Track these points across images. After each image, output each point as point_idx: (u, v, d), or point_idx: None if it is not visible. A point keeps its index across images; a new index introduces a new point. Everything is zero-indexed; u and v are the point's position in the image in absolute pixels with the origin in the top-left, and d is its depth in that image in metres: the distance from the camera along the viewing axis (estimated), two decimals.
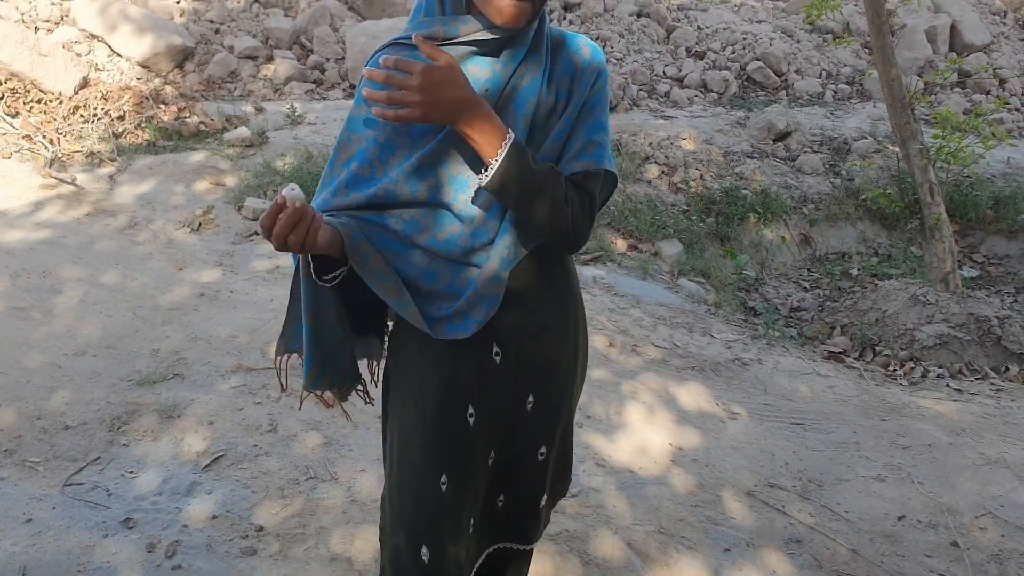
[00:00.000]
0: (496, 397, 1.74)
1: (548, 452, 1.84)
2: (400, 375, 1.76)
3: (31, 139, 5.52)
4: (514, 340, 1.73)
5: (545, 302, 1.76)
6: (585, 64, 1.66)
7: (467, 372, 1.70)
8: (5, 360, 3.49)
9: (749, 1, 9.61)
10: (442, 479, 1.70)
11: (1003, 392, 4.24)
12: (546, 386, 1.80)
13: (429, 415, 1.70)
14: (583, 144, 1.66)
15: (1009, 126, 7.34)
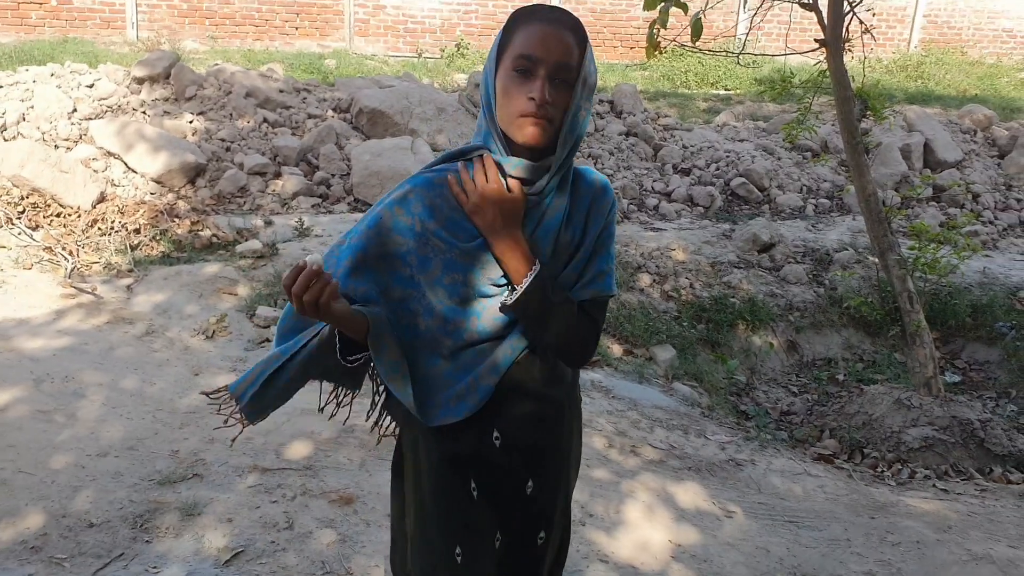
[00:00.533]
0: (496, 479, 1.90)
1: (547, 536, 1.97)
2: (409, 448, 1.97)
3: (51, 251, 5.77)
4: (514, 427, 1.89)
5: (544, 393, 1.92)
6: (599, 200, 1.89)
7: (468, 453, 1.88)
8: (31, 461, 3.63)
9: (731, 122, 10.08)
10: (456, 551, 1.89)
11: (987, 492, 4.41)
12: (544, 472, 1.94)
13: (438, 491, 1.90)
14: (594, 274, 1.88)
15: (984, 238, 7.68)
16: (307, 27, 13.36)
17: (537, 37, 1.72)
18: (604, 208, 1.89)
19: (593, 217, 1.88)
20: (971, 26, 15.48)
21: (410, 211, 1.82)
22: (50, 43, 11.90)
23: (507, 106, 1.74)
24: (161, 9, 12.93)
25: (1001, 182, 8.85)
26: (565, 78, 1.73)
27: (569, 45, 1.74)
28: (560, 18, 1.76)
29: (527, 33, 1.74)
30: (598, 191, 1.89)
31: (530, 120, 1.71)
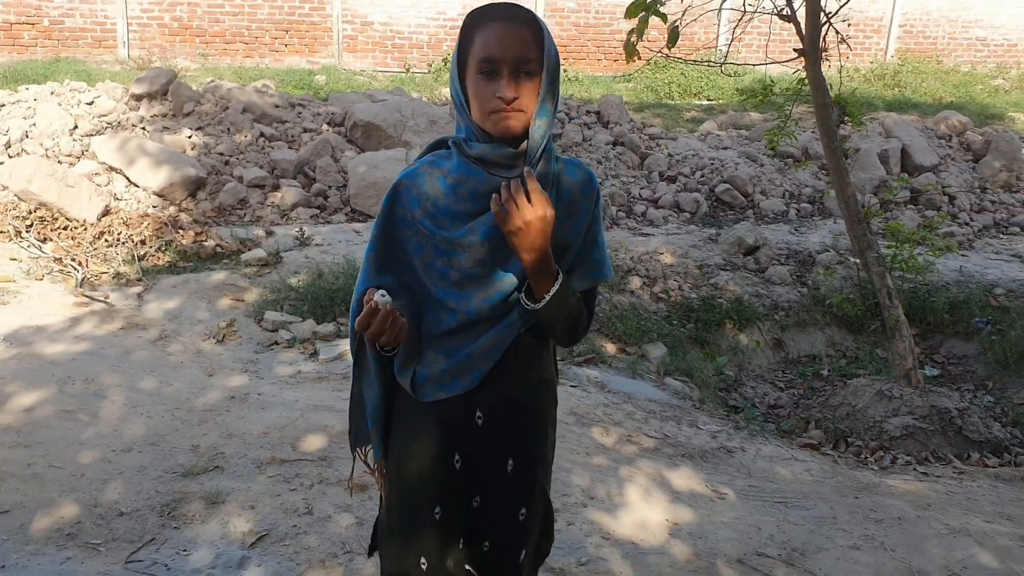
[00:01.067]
0: (478, 455, 2.10)
1: (528, 513, 2.15)
2: (398, 422, 2.14)
3: (61, 262, 5.96)
4: (496, 408, 2.07)
5: (527, 378, 2.11)
6: (586, 190, 2.03)
7: (453, 428, 2.07)
8: (60, 456, 3.83)
9: (715, 130, 10.37)
10: (436, 509, 2.09)
11: (965, 475, 4.65)
12: (524, 452, 2.12)
13: (423, 459, 2.08)
14: (590, 264, 2.06)
15: (960, 238, 7.96)
16: (296, 44, 13.59)
17: (495, 38, 1.85)
18: (591, 199, 2.04)
19: (582, 207, 2.02)
20: (946, 35, 15.87)
21: (402, 203, 2.00)
22: (42, 63, 12.09)
23: (479, 106, 1.88)
24: (152, 28, 13.14)
25: (976, 185, 9.15)
26: (528, 70, 1.86)
27: (525, 38, 1.85)
28: (514, 14, 1.88)
29: (485, 35, 1.87)
30: (584, 182, 2.03)
31: (502, 116, 1.86)
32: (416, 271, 2.03)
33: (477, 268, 1.98)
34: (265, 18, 13.42)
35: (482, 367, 2.03)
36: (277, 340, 5.20)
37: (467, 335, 2.02)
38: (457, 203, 1.97)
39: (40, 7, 12.73)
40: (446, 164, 1.99)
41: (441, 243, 1.98)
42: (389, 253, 2.03)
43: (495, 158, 1.92)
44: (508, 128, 1.88)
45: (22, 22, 12.72)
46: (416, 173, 2.01)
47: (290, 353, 5.07)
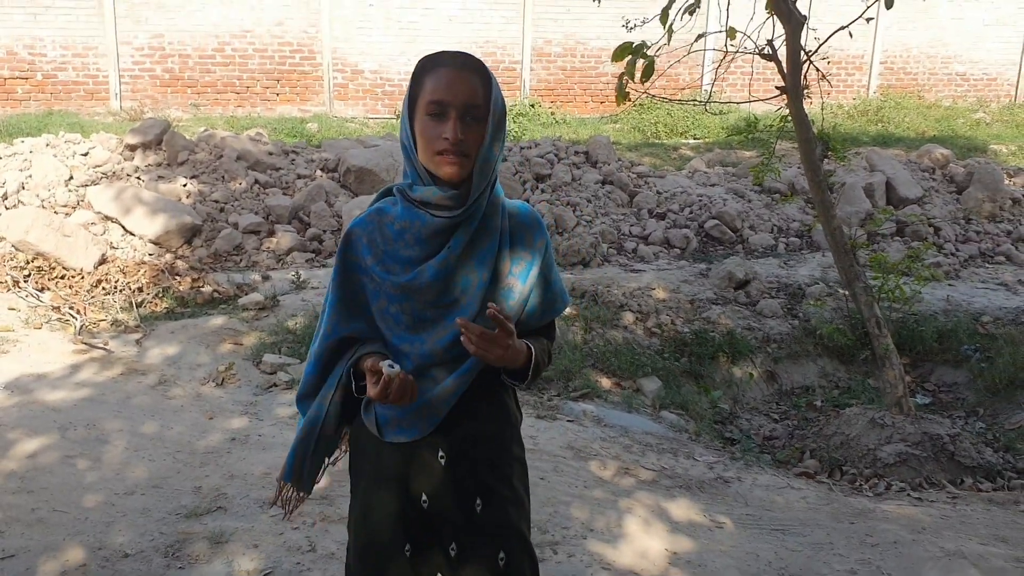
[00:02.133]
0: (445, 495, 2.11)
1: (508, 558, 2.11)
2: (362, 462, 2.18)
3: (59, 310, 6.02)
4: (457, 446, 2.11)
5: (487, 415, 2.14)
6: (535, 234, 2.12)
7: (416, 469, 2.11)
8: (64, 501, 3.86)
9: (702, 168, 10.52)
10: (406, 547, 2.11)
11: (959, 499, 4.71)
12: (490, 492, 2.12)
13: (390, 498, 2.11)
14: (550, 300, 2.18)
15: (946, 268, 8.07)
16: (288, 93, 13.78)
17: (444, 83, 1.93)
18: (539, 245, 2.13)
19: (533, 251, 2.12)
20: (926, 71, 16.16)
21: (354, 251, 2.08)
22: (36, 116, 12.25)
23: (426, 147, 1.96)
24: (144, 80, 13.33)
25: (960, 216, 9.29)
26: (475, 115, 1.94)
27: (474, 86, 1.94)
28: (464, 62, 1.95)
29: (435, 80, 1.94)
30: (533, 226, 2.13)
31: (447, 159, 1.93)
32: (374, 317, 2.10)
33: (428, 310, 2.05)
34: (256, 68, 13.62)
35: (440, 412, 2.08)
36: (276, 382, 5.25)
37: (425, 380, 2.07)
38: (405, 248, 2.03)
39: (33, 62, 12.92)
40: (392, 211, 2.06)
41: (392, 289, 2.04)
42: (352, 299, 2.10)
43: (437, 200, 1.99)
44: (452, 175, 1.95)
45: (16, 76, 12.89)
46: (365, 221, 2.08)
47: (289, 394, 5.13)
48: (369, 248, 2.05)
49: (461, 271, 2.04)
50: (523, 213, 2.13)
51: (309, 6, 13.62)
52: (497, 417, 2.18)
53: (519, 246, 2.10)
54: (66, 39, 12.97)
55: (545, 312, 2.18)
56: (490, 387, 2.14)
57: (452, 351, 2.05)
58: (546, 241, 2.15)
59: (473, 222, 2.02)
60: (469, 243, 2.03)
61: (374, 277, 2.05)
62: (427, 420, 2.08)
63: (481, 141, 1.95)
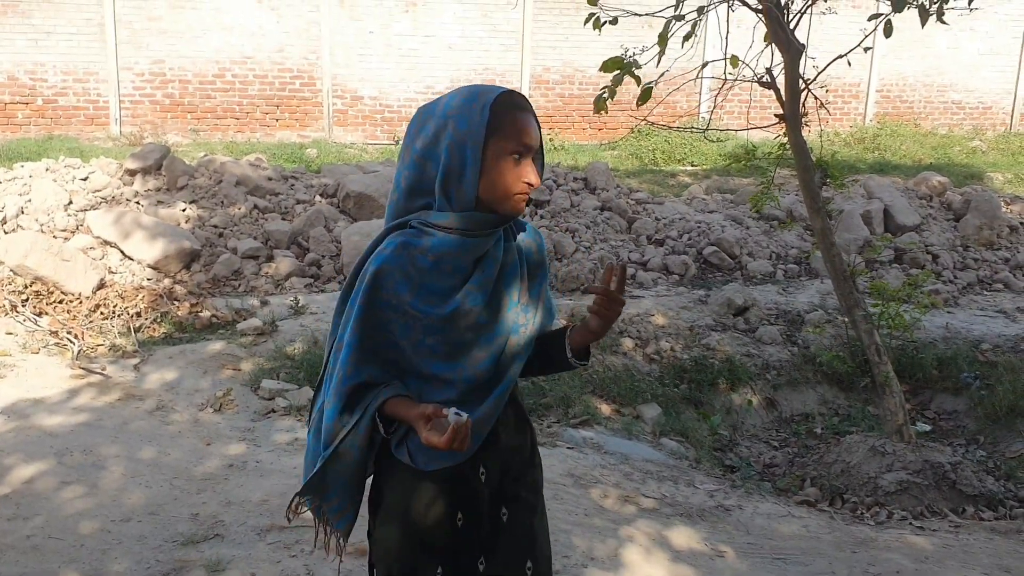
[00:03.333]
0: (478, 509, 2.14)
1: (536, 567, 2.17)
2: (393, 495, 2.14)
3: (57, 335, 6.00)
4: (494, 459, 2.15)
5: (514, 425, 2.21)
6: (541, 247, 2.23)
7: (458, 486, 2.11)
8: (60, 528, 3.83)
9: (700, 195, 10.55)
10: (438, 570, 2.11)
11: (961, 528, 4.68)
12: (516, 499, 2.19)
13: (424, 520, 2.10)
14: (549, 310, 2.27)
15: (945, 295, 8.07)
16: (287, 119, 13.83)
17: (526, 127, 1.99)
18: (544, 260, 2.25)
19: (540, 268, 2.22)
20: (922, 100, 16.25)
21: (387, 289, 2.01)
22: (36, 141, 12.28)
23: (501, 184, 1.98)
24: (144, 105, 13.38)
25: (958, 244, 9.31)
26: (536, 156, 2.05)
27: (535, 128, 2.03)
28: (529, 105, 2.05)
29: (520, 122, 1.98)
30: (538, 242, 2.23)
31: (524, 199, 2.01)
32: (403, 351, 2.06)
33: (468, 334, 2.06)
34: (256, 94, 13.68)
35: (482, 433, 2.09)
36: (274, 408, 5.23)
37: (467, 406, 2.02)
38: (441, 278, 2.02)
39: (34, 87, 12.97)
40: (422, 243, 2.01)
41: (434, 321, 2.02)
42: (375, 341, 2.05)
43: (476, 224, 2.01)
44: (521, 210, 2.05)
45: (16, 102, 12.94)
46: (394, 257, 2.00)
47: (287, 421, 5.10)
48: (405, 283, 2.01)
49: (496, 293, 2.10)
50: (530, 229, 2.21)
51: (310, 33, 13.71)
52: (522, 426, 2.25)
53: (532, 263, 2.19)
54: (67, 64, 13.03)
55: (545, 323, 2.26)
56: (516, 397, 2.23)
57: (491, 372, 2.10)
58: (547, 253, 2.32)
59: (500, 243, 2.09)
60: (500, 265, 2.10)
61: (408, 312, 2.02)
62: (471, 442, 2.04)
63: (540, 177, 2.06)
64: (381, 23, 13.94)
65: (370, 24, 13.90)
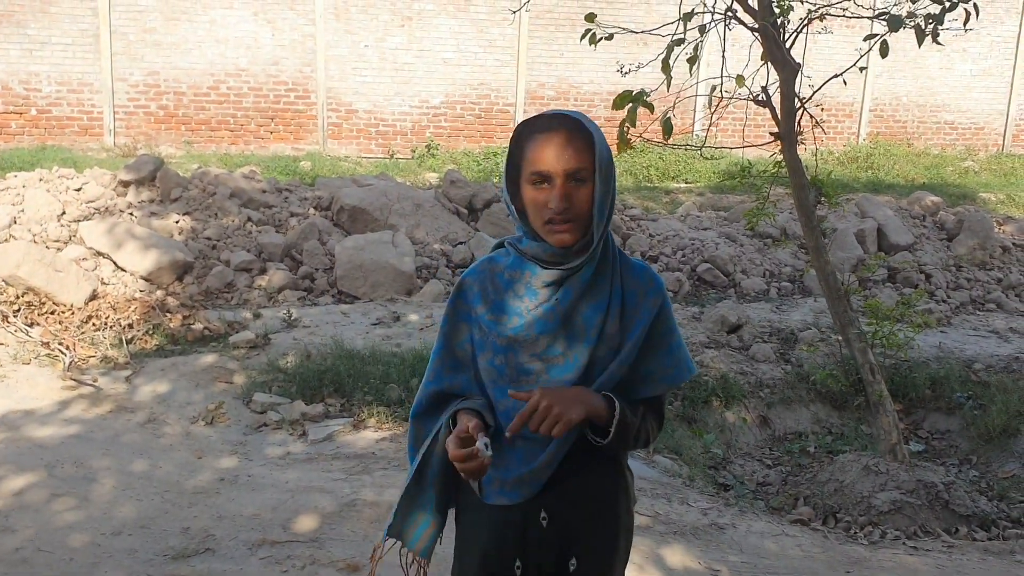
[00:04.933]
0: (541, 556, 2.05)
1: None
2: (462, 525, 2.14)
3: (48, 346, 5.96)
4: (561, 506, 2.03)
5: (591, 469, 2.05)
6: (648, 296, 2.02)
7: (515, 532, 2.04)
8: (49, 541, 3.79)
9: (694, 212, 10.57)
10: None
11: (954, 548, 4.67)
12: (588, 550, 2.05)
13: (483, 562, 2.06)
14: (662, 370, 2.04)
15: (938, 315, 8.09)
16: (281, 131, 13.83)
17: (542, 152, 1.90)
18: (652, 305, 2.02)
19: (641, 313, 2.01)
20: (915, 120, 16.34)
21: (466, 299, 2.07)
22: (29, 151, 12.25)
23: (535, 216, 1.95)
24: (138, 116, 13.36)
25: (951, 263, 9.34)
26: (579, 177, 1.91)
27: (574, 149, 1.90)
28: (560, 125, 1.92)
29: (533, 148, 1.92)
30: (648, 287, 2.03)
31: (556, 227, 1.91)
32: (479, 368, 2.06)
33: (533, 363, 2.00)
34: (251, 106, 13.67)
35: (543, 478, 2.01)
36: (266, 421, 5.20)
37: (529, 441, 2.00)
38: (514, 299, 2.02)
39: (28, 97, 12.94)
40: (503, 261, 2.05)
41: (499, 340, 2.01)
42: (457, 350, 2.08)
43: (547, 256, 1.98)
44: (563, 242, 1.94)
45: (10, 111, 12.91)
46: (477, 270, 2.08)
47: (279, 434, 5.07)
48: (480, 297, 2.04)
49: (568, 325, 1.99)
50: (638, 272, 2.05)
51: (305, 46, 13.72)
52: (603, 472, 2.08)
53: (630, 306, 2.02)
54: (62, 75, 13.01)
55: (659, 380, 2.05)
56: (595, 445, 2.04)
57: None
58: (662, 303, 2.04)
59: (584, 276, 1.98)
60: (579, 297, 1.99)
61: (482, 327, 2.03)
62: (530, 485, 2.01)
63: (588, 201, 1.93)
64: (376, 37, 13.97)
65: (365, 38, 13.93)
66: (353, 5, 13.79)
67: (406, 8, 13.98)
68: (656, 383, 2.05)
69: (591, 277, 1.99)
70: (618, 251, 2.05)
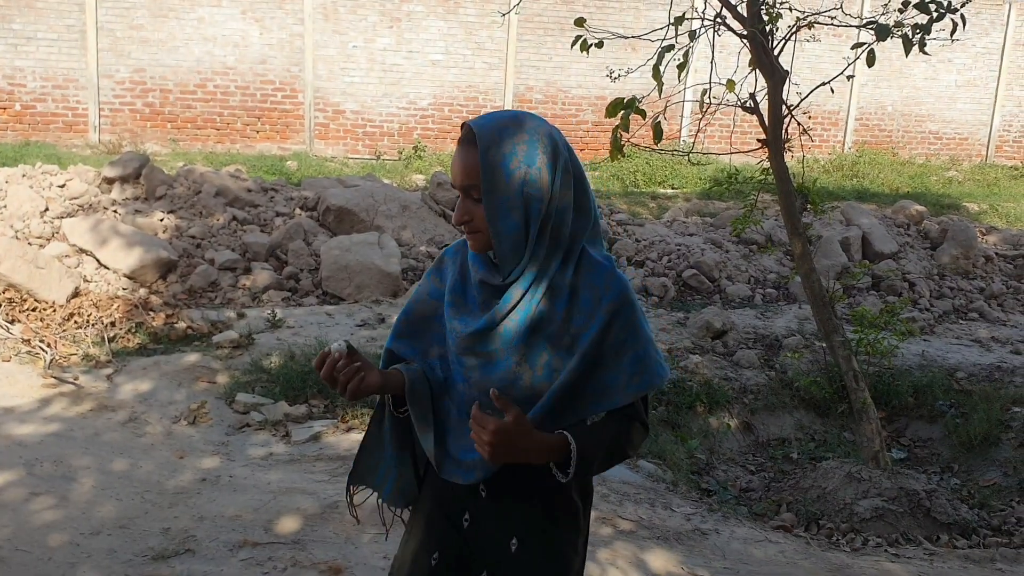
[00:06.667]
0: (483, 525, 2.04)
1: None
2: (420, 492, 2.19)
3: (29, 343, 5.90)
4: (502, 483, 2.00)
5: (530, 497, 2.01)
6: (603, 298, 1.92)
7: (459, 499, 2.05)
8: (27, 540, 3.75)
9: (680, 217, 10.59)
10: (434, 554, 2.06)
11: (936, 556, 4.68)
12: (529, 535, 2.01)
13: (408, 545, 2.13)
14: (628, 377, 1.92)
15: (921, 323, 8.13)
16: (268, 131, 13.77)
17: (454, 164, 1.93)
18: (609, 309, 1.91)
19: (596, 317, 1.92)
20: (900, 129, 16.44)
21: (442, 276, 2.10)
22: (12, 147, 12.15)
23: None
24: (124, 113, 13.28)
25: (935, 272, 9.40)
26: (475, 196, 1.90)
27: (467, 164, 1.89)
28: (464, 136, 1.92)
29: (455, 159, 1.94)
30: (607, 290, 1.92)
31: (468, 235, 1.96)
32: (443, 344, 2.09)
33: (468, 356, 2.00)
34: (237, 105, 13.61)
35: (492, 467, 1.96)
36: (249, 422, 5.17)
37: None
38: (469, 288, 2.03)
39: (12, 92, 12.84)
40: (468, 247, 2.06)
41: (448, 325, 2.05)
42: (417, 321, 2.12)
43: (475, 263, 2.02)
44: (472, 247, 1.98)
45: None
46: (455, 248, 2.11)
47: (262, 435, 5.04)
48: (449, 276, 2.08)
49: (508, 323, 1.94)
50: (598, 272, 1.94)
51: (293, 45, 13.68)
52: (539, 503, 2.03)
53: (584, 308, 1.93)
54: (47, 70, 12.92)
55: (628, 387, 1.93)
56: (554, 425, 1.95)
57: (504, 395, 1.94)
58: (621, 306, 1.92)
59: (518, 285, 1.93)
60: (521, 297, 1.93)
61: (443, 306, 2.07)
62: (482, 469, 1.99)
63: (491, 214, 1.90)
64: (365, 38, 13.94)
65: (354, 38, 13.90)
66: (342, 5, 13.76)
67: (395, 9, 13.96)
68: (622, 392, 1.94)
69: (524, 288, 1.93)
70: (582, 250, 1.97)
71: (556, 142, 1.92)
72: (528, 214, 1.88)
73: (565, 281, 1.93)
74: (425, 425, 2.05)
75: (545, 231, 1.90)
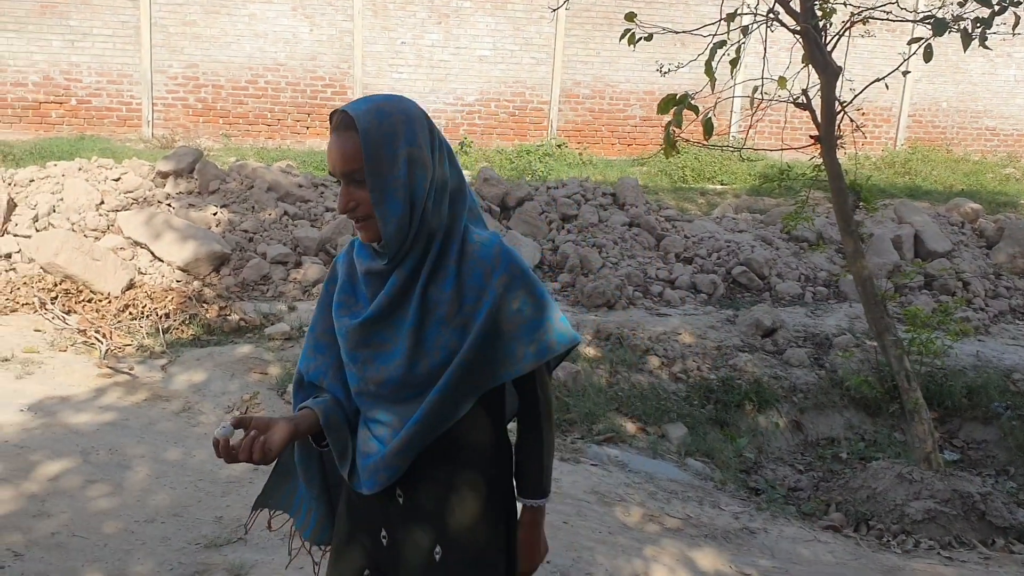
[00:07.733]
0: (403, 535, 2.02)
1: None
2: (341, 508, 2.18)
3: (85, 334, 6.03)
4: (418, 489, 2.00)
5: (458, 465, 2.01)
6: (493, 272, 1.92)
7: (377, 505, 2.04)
8: (84, 526, 3.84)
9: (730, 214, 10.50)
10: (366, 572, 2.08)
11: (991, 560, 4.60)
12: (453, 543, 2.00)
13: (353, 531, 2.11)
14: (525, 346, 1.93)
15: (976, 323, 7.98)
16: (318, 126, 13.89)
17: (328, 152, 1.90)
18: (501, 283, 1.92)
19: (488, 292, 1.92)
20: (955, 125, 16.12)
21: (334, 282, 2.08)
22: (68, 140, 12.40)
23: None
24: (176, 108, 13.48)
25: (990, 271, 9.20)
26: (358, 178, 1.86)
27: (346, 150, 1.85)
28: (339, 123, 1.88)
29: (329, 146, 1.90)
30: (495, 264, 1.93)
31: (356, 225, 1.91)
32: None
33: (361, 350, 1.98)
34: (288, 101, 13.76)
35: (399, 465, 1.97)
36: None
37: (376, 427, 2.01)
38: (358, 285, 2.02)
39: (69, 87, 13.10)
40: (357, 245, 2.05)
41: (339, 324, 2.02)
42: (322, 334, 2.09)
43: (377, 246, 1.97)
44: (363, 238, 1.94)
45: (51, 101, 13.07)
46: (344, 255, 2.09)
47: None
48: (339, 280, 2.06)
49: (397, 311, 1.95)
50: (484, 249, 1.94)
51: (343, 42, 13.79)
52: (472, 467, 2.03)
53: (473, 285, 1.93)
54: (102, 66, 13.16)
55: (525, 357, 1.94)
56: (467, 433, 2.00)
57: (400, 396, 1.97)
58: (512, 278, 1.93)
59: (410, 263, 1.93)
60: (407, 283, 1.93)
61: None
62: (385, 471, 1.98)
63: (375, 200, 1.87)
64: (413, 34, 14.00)
65: (402, 34, 13.97)
66: (391, 2, 13.84)
67: (443, 5, 14.00)
68: (519, 362, 1.94)
69: (419, 257, 1.94)
70: (464, 229, 1.97)
71: (431, 120, 1.94)
72: (413, 194, 1.88)
73: (450, 261, 1.94)
74: (344, 457, 2.05)
75: (427, 210, 1.91)
